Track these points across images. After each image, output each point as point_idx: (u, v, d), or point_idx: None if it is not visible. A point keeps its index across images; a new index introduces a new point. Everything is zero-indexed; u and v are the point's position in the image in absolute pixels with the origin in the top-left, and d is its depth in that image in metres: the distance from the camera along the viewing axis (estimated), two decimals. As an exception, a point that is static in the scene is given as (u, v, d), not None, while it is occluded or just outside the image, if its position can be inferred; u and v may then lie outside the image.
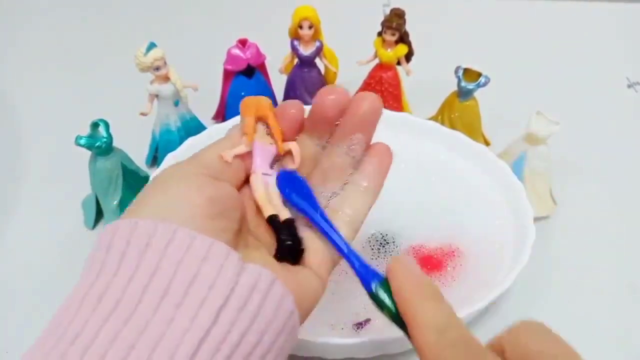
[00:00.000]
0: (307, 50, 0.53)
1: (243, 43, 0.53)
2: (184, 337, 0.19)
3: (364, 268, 0.24)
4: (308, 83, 0.55)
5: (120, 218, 0.22)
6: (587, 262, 0.45)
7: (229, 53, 0.53)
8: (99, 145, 0.43)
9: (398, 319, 0.22)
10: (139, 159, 0.51)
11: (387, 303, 0.22)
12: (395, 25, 0.50)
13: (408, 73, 0.54)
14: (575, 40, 0.75)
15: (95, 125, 0.43)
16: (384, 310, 0.23)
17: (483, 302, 0.35)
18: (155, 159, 0.53)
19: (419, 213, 0.44)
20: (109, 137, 0.43)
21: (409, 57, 0.53)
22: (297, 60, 0.55)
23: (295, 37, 0.52)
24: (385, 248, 0.41)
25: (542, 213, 0.47)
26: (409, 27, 0.52)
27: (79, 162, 0.46)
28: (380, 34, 0.52)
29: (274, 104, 0.55)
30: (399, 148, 0.30)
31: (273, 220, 0.25)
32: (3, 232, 0.47)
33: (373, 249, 0.41)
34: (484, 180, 0.45)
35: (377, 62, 0.54)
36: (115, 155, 0.45)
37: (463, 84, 0.50)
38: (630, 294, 0.43)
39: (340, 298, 0.37)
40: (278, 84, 0.57)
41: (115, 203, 0.46)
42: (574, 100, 0.62)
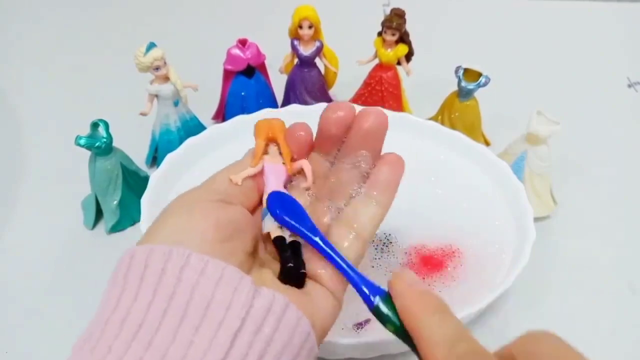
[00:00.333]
0: (307, 50, 0.53)
1: (243, 43, 0.53)
2: (204, 359, 0.19)
3: (364, 283, 0.23)
4: (308, 83, 0.55)
5: (137, 244, 0.23)
6: (587, 262, 0.45)
7: (229, 53, 0.53)
8: (99, 146, 0.43)
9: (402, 333, 0.22)
10: (139, 159, 0.51)
11: (390, 318, 0.22)
12: (396, 25, 0.50)
13: (408, 73, 0.54)
14: (576, 40, 0.75)
15: (95, 126, 0.43)
16: (387, 325, 0.22)
17: (483, 302, 0.35)
18: (155, 159, 0.53)
19: (420, 213, 0.44)
20: (109, 137, 0.43)
21: (409, 57, 0.53)
22: (297, 60, 0.55)
23: (295, 37, 0.52)
24: (388, 248, 0.42)
25: (542, 213, 0.47)
26: (409, 27, 0.52)
27: (79, 162, 0.46)
28: (380, 34, 0.52)
29: (274, 104, 0.56)
30: (399, 148, 0.29)
31: (278, 243, 0.25)
32: (3, 231, 0.47)
33: (377, 249, 0.41)
34: (484, 180, 0.45)
35: (377, 62, 0.54)
36: (115, 156, 0.45)
37: (463, 84, 0.50)
38: (630, 294, 0.43)
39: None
40: (278, 84, 0.57)
41: (115, 203, 0.46)
42: (574, 100, 0.62)
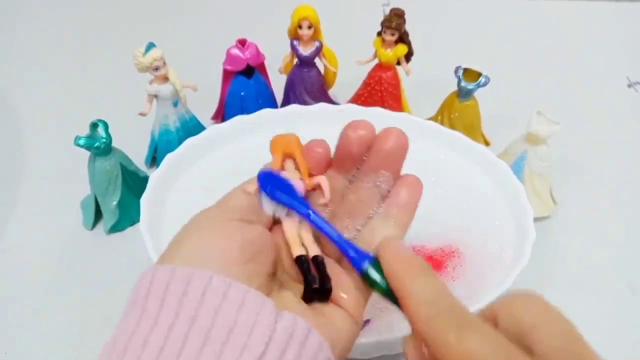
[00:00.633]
0: (306, 50, 0.53)
1: (242, 43, 0.53)
2: None
3: (354, 250, 0.25)
4: (307, 83, 0.55)
5: (156, 263, 0.23)
6: (587, 262, 0.45)
7: (229, 53, 0.52)
8: (98, 146, 0.43)
9: (389, 295, 0.23)
10: (138, 160, 0.51)
11: (378, 281, 0.24)
12: (395, 25, 0.50)
13: (408, 73, 0.54)
14: (575, 40, 0.75)
15: (95, 126, 0.43)
16: (376, 288, 0.24)
17: (483, 302, 0.35)
18: (155, 160, 0.53)
19: (419, 213, 0.43)
20: (108, 137, 0.43)
21: (409, 57, 0.53)
22: (296, 60, 0.55)
23: (295, 37, 0.52)
24: None
25: (542, 213, 0.47)
26: (409, 27, 0.51)
27: (79, 162, 0.46)
28: (380, 34, 0.52)
29: (274, 105, 0.56)
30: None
31: (300, 262, 0.25)
32: (2, 232, 0.47)
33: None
34: (484, 180, 0.45)
35: (376, 62, 0.54)
36: (115, 156, 0.45)
37: (463, 84, 0.50)
38: (631, 294, 0.43)
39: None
40: (277, 84, 0.57)
41: (115, 203, 0.46)
42: (574, 100, 0.62)
